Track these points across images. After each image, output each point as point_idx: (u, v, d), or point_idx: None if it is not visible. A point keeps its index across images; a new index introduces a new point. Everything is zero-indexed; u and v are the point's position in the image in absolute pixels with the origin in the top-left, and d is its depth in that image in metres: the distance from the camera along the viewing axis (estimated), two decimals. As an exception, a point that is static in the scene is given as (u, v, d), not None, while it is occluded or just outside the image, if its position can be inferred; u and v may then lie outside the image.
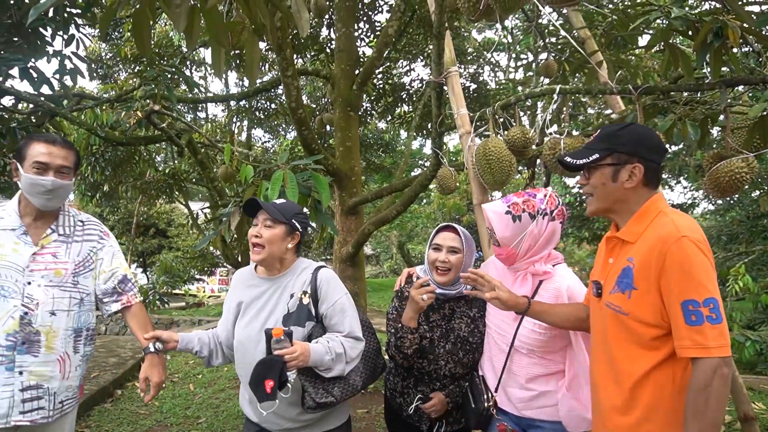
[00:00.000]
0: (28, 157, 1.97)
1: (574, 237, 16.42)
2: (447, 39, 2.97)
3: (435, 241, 2.21)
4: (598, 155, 1.60)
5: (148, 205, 14.46)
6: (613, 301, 1.57)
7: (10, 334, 1.90)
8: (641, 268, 1.48)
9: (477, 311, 2.22)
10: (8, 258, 1.94)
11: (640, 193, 1.59)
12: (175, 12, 1.41)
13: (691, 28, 2.04)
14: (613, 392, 1.57)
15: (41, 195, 1.98)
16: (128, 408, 4.95)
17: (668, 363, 1.46)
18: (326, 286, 2.06)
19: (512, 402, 2.06)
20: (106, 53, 10.74)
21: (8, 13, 3.57)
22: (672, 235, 1.43)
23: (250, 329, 2.03)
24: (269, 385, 1.78)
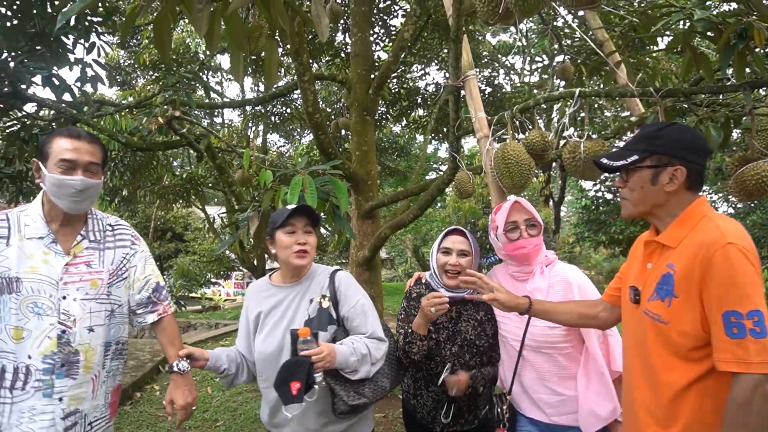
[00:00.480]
0: (52, 154, 1.75)
1: (590, 241, 16.25)
2: (464, 43, 2.97)
3: (444, 244, 2.22)
4: (637, 156, 1.51)
5: (166, 210, 14.60)
6: (652, 309, 1.49)
7: (47, 356, 1.70)
8: (683, 275, 1.40)
9: (484, 314, 2.21)
10: (40, 271, 1.73)
11: (682, 197, 1.50)
12: (197, 17, 1.42)
13: (713, 30, 2.01)
14: (650, 401, 1.50)
15: (69, 197, 1.76)
16: (147, 411, 5.00)
17: (711, 377, 1.38)
18: (345, 288, 2.06)
19: (541, 408, 2.03)
20: (124, 60, 10.92)
21: (31, 23, 3.64)
22: (717, 242, 1.34)
23: (271, 340, 1.97)
24: (295, 387, 1.75)
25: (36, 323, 1.71)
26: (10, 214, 1.78)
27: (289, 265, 2.02)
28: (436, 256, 2.23)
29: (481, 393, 2.20)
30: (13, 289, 1.70)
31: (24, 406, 1.69)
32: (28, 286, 1.72)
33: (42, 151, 1.78)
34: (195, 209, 14.61)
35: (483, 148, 2.96)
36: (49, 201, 1.81)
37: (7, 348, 1.69)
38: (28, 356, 1.70)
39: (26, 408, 1.69)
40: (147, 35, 7.77)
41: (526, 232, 2.09)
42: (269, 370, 1.94)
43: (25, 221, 1.78)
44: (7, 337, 1.69)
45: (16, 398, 1.69)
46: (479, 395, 2.20)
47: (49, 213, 1.82)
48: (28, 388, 1.69)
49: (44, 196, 1.82)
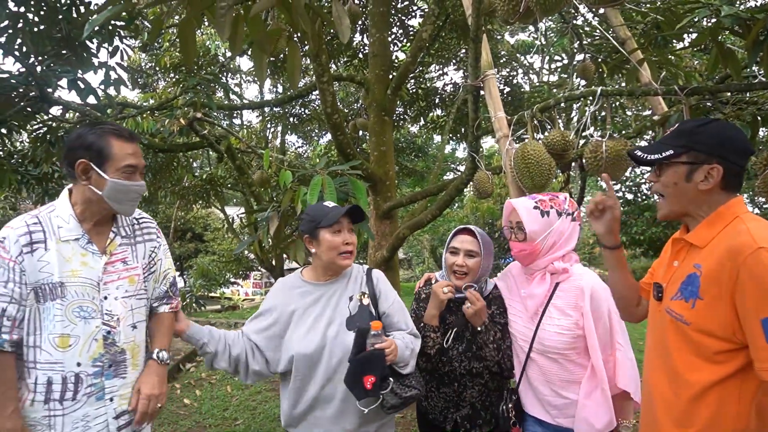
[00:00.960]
0: (114, 158, 1.70)
1: (610, 241, 16.04)
2: (484, 42, 2.95)
3: (452, 244, 2.20)
4: (673, 151, 1.45)
5: (186, 210, 14.77)
6: (674, 309, 1.46)
7: (96, 359, 1.69)
8: (710, 277, 1.36)
9: (496, 308, 2.20)
10: (81, 274, 1.69)
11: (717, 197, 1.44)
12: (220, 21, 1.43)
13: (741, 26, 1.96)
14: (671, 402, 1.47)
15: (132, 201, 1.77)
16: (168, 408, 5.07)
17: (734, 380, 1.34)
18: (383, 286, 2.10)
19: (546, 410, 2.03)
20: (145, 63, 11.08)
21: (58, 27, 3.71)
22: (747, 246, 1.29)
23: (312, 338, 1.94)
24: (370, 381, 1.75)
25: (83, 328, 1.68)
26: (40, 216, 1.70)
27: (333, 265, 2.01)
28: (445, 256, 2.22)
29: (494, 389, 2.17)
30: (57, 294, 1.65)
31: (77, 415, 1.67)
32: (72, 290, 1.67)
33: (98, 153, 1.69)
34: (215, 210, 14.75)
35: (503, 147, 2.94)
36: (85, 202, 1.74)
37: (52, 359, 1.64)
38: (77, 363, 1.66)
39: (80, 417, 1.67)
40: (168, 38, 7.88)
41: (514, 235, 2.08)
42: (307, 368, 1.93)
43: (57, 223, 1.71)
44: (51, 347, 1.64)
45: (68, 409, 1.66)
46: (492, 391, 2.17)
47: (83, 213, 1.75)
48: (79, 396, 1.67)
49: (80, 196, 1.75)
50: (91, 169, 1.70)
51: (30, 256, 1.63)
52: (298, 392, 1.97)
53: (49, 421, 1.64)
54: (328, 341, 1.92)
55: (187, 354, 7.08)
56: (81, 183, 1.72)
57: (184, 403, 5.28)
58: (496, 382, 2.18)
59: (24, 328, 1.63)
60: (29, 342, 1.64)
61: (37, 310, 1.64)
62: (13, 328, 1.60)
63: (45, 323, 1.64)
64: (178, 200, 9.29)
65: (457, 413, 2.15)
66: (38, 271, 1.64)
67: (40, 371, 1.64)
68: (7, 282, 1.59)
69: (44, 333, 1.64)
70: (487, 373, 2.14)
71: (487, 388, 2.16)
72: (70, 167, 1.72)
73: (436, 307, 2.08)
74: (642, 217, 13.66)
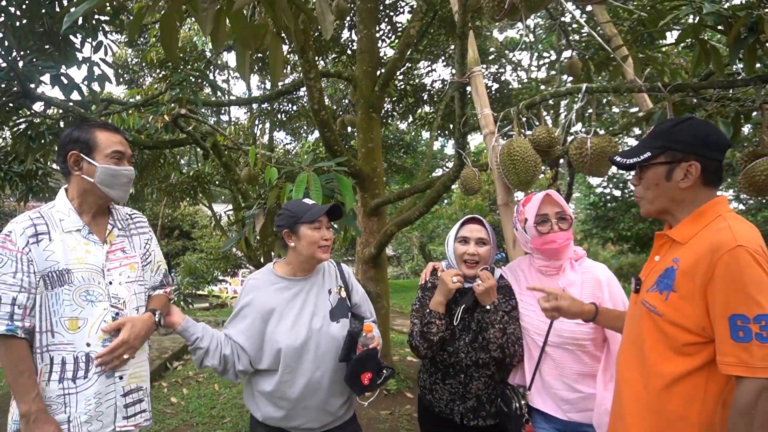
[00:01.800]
0: (101, 146, 1.85)
1: (598, 237, 16.19)
2: (470, 39, 2.95)
3: (461, 233, 2.21)
4: (650, 153, 1.50)
5: (173, 207, 14.66)
6: (648, 300, 1.49)
7: (105, 339, 1.81)
8: (686, 272, 1.39)
9: (501, 297, 2.19)
10: (86, 260, 1.82)
11: (698, 193, 1.48)
12: (202, 16, 1.41)
13: (723, 24, 1.98)
14: (639, 394, 1.50)
15: (122, 186, 1.89)
16: (155, 407, 5.03)
17: (701, 374, 1.38)
18: (352, 278, 2.29)
19: (558, 405, 2.02)
20: (131, 59, 10.96)
21: (40, 22, 3.65)
22: (726, 243, 1.32)
23: (298, 331, 2.04)
24: (367, 377, 1.96)
25: (90, 311, 1.80)
26: (42, 211, 1.84)
27: (313, 259, 2.11)
28: (454, 246, 2.22)
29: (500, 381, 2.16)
30: (65, 280, 1.77)
31: (89, 393, 1.77)
32: (78, 276, 1.79)
33: (86, 144, 1.84)
34: (202, 207, 14.65)
35: (489, 144, 2.95)
36: (82, 193, 1.87)
37: (65, 340, 1.75)
38: (86, 344, 1.78)
39: (92, 394, 1.78)
40: (154, 33, 7.80)
41: (557, 225, 2.06)
42: (295, 360, 2.03)
43: (58, 217, 1.84)
44: (63, 329, 1.76)
45: (80, 387, 1.77)
46: (498, 383, 2.16)
47: (81, 206, 1.89)
48: (90, 375, 1.78)
49: (75, 189, 1.88)
50: (81, 160, 1.84)
51: (36, 246, 1.75)
52: (286, 385, 2.03)
53: (63, 399, 1.75)
54: (313, 333, 2.04)
55: (175, 352, 7.04)
56: (74, 174, 1.86)
57: (171, 402, 5.25)
58: (502, 374, 2.18)
59: (36, 315, 1.75)
60: (42, 327, 1.76)
61: (47, 296, 1.76)
62: (25, 316, 1.72)
63: (55, 308, 1.76)
64: (165, 197, 9.21)
65: (462, 405, 2.14)
66: (45, 260, 1.76)
67: (55, 352, 1.75)
68: (15, 272, 1.71)
69: (55, 317, 1.76)
70: (493, 364, 2.13)
71: (493, 380, 2.15)
72: (64, 162, 1.86)
73: (443, 295, 2.10)
74: (629, 213, 13.80)
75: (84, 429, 1.76)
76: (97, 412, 1.79)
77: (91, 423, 1.78)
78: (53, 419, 1.72)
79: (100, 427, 1.80)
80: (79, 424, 1.75)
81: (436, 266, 2.38)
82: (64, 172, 1.90)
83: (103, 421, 1.81)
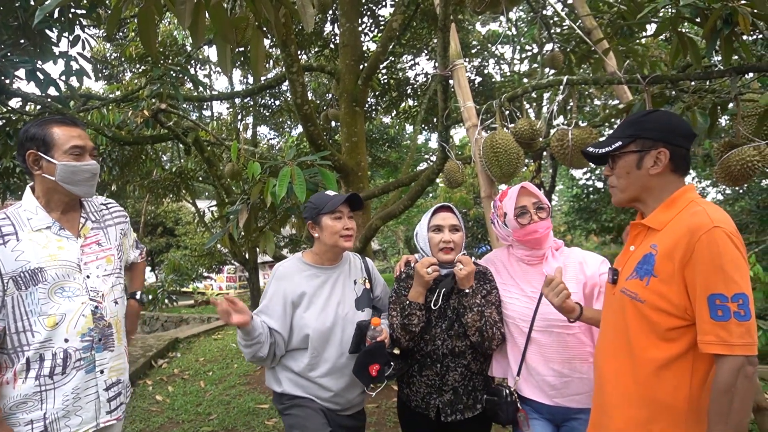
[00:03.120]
0: (58, 143, 1.78)
1: (581, 229, 16.37)
2: (452, 32, 2.96)
3: (434, 222, 2.22)
4: (621, 142, 1.55)
5: (156, 204, 14.53)
6: (629, 288, 1.51)
7: (85, 334, 1.79)
8: (665, 255, 1.42)
9: (477, 281, 2.19)
10: (59, 257, 1.78)
11: (668, 180, 1.52)
12: (180, 9, 1.40)
13: (700, 15, 2.01)
14: (627, 384, 1.50)
15: (85, 182, 1.83)
16: (140, 405, 4.99)
17: (686, 358, 1.40)
18: (375, 272, 2.41)
19: (544, 390, 2.02)
20: (110, 54, 10.78)
21: (14, 15, 3.58)
22: (704, 225, 1.35)
23: (326, 316, 2.15)
24: (375, 369, 2.03)
25: (68, 306, 1.77)
26: (8, 212, 1.79)
27: (336, 248, 2.20)
28: (428, 236, 2.23)
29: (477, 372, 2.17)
30: (38, 279, 1.73)
31: (67, 389, 1.75)
32: (52, 273, 1.75)
33: (43, 141, 1.78)
34: (185, 203, 14.51)
35: (472, 137, 2.96)
36: (47, 192, 1.82)
37: (42, 338, 1.72)
38: (64, 340, 1.75)
39: (69, 390, 1.76)
40: (133, 28, 7.68)
41: (536, 215, 2.10)
42: (322, 343, 2.14)
43: (26, 216, 1.79)
44: (41, 327, 1.72)
45: (58, 383, 1.74)
46: (475, 374, 2.17)
47: (48, 204, 1.84)
48: (68, 370, 1.76)
49: (40, 187, 1.83)
50: (40, 158, 1.79)
51: (3, 247, 1.70)
52: (310, 367, 2.15)
53: (39, 396, 1.72)
54: (339, 319, 2.16)
55: (159, 350, 6.98)
56: (35, 173, 1.81)
57: (156, 400, 5.21)
58: (479, 364, 2.18)
59: (8, 317, 1.71)
60: (18, 328, 1.71)
61: (20, 297, 1.71)
62: None
63: (31, 308, 1.72)
64: (147, 194, 9.13)
65: (439, 398, 2.14)
66: (14, 260, 1.71)
67: (31, 351, 1.71)
68: None
69: (33, 317, 1.72)
70: (469, 352, 2.14)
71: (470, 371, 2.15)
72: (23, 162, 1.82)
73: (422, 285, 2.12)
74: (611, 205, 13.97)
75: (62, 424, 1.74)
76: (75, 407, 1.77)
77: (69, 418, 1.76)
78: (9, 428, 1.68)
79: (79, 422, 1.78)
80: (55, 419, 1.73)
81: (409, 258, 2.42)
82: (26, 172, 1.85)
83: (83, 417, 1.79)
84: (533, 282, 2.11)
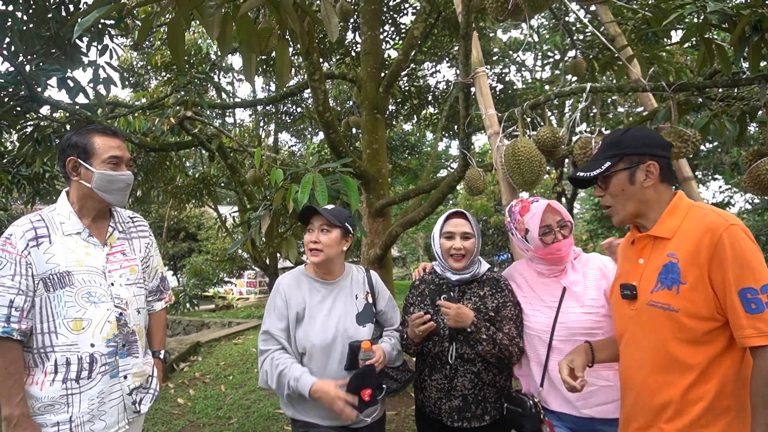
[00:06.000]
0: (98, 151, 1.85)
1: (603, 237, 16.15)
2: (474, 39, 2.96)
3: (446, 229, 2.21)
4: (610, 162, 1.58)
5: (179, 209, 14.73)
6: (658, 300, 1.50)
7: (110, 340, 1.83)
8: (688, 261, 1.44)
9: (489, 289, 2.19)
10: (86, 263, 1.84)
11: (661, 190, 1.57)
12: (209, 21, 1.43)
13: (728, 22, 1.98)
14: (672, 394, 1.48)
15: (120, 191, 1.90)
16: (162, 408, 5.06)
17: (723, 357, 1.42)
18: (380, 285, 2.33)
19: (570, 401, 1.99)
20: (137, 62, 11.03)
21: (46, 26, 3.69)
22: (721, 225, 1.39)
23: (327, 331, 2.10)
24: (367, 394, 1.97)
25: (94, 311, 1.81)
26: (43, 215, 1.84)
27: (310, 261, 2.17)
28: (440, 242, 2.22)
29: (488, 383, 2.14)
30: (66, 282, 1.78)
31: (93, 393, 1.79)
32: (79, 278, 1.80)
33: (83, 149, 1.84)
34: (208, 209, 14.72)
35: (493, 145, 2.95)
36: (81, 198, 1.88)
37: (68, 341, 1.76)
38: (90, 345, 1.79)
39: (95, 394, 1.80)
40: (159, 37, 7.84)
41: (560, 234, 2.07)
42: (323, 357, 2.09)
43: (59, 219, 1.85)
44: (66, 330, 1.76)
45: (84, 387, 1.78)
46: (487, 385, 2.14)
47: (81, 210, 1.90)
48: (94, 375, 1.80)
49: (75, 193, 1.89)
50: (79, 165, 1.85)
51: (36, 249, 1.76)
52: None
53: (66, 400, 1.75)
54: (340, 334, 2.10)
55: (181, 353, 7.07)
56: (73, 179, 1.87)
57: (177, 403, 5.27)
58: (491, 375, 2.14)
59: (35, 317, 1.75)
60: (43, 329, 1.76)
61: (48, 299, 1.76)
62: (22, 318, 1.71)
63: (57, 310, 1.76)
64: (170, 199, 9.27)
65: (448, 403, 2.13)
66: (45, 262, 1.76)
67: (58, 353, 1.76)
68: (14, 275, 1.72)
69: (58, 319, 1.76)
70: (479, 360, 2.12)
71: (480, 379, 2.12)
72: (63, 168, 1.88)
73: (418, 337, 2.13)
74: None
75: (86, 428, 1.78)
76: (99, 411, 1.81)
77: (93, 422, 1.79)
78: (35, 424, 1.71)
79: (103, 426, 1.82)
80: (81, 423, 1.77)
81: (426, 266, 2.42)
82: (65, 177, 1.91)
83: (107, 421, 1.83)
84: (553, 292, 2.09)
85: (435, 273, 2.31)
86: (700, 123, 2.30)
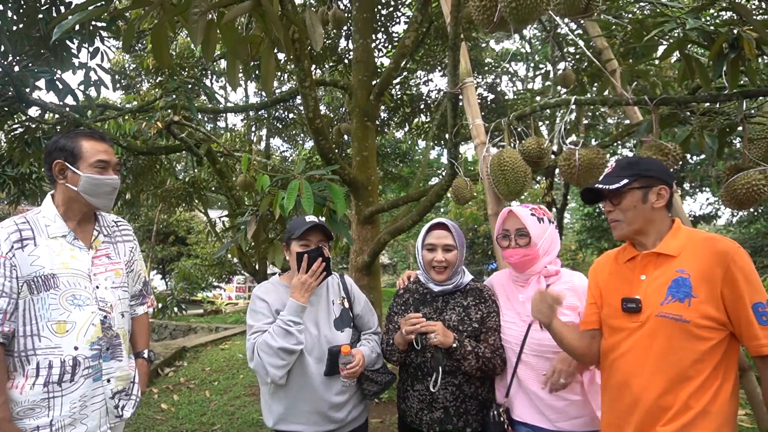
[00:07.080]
0: (85, 155, 1.86)
1: (593, 247, 16.24)
2: (463, 50, 2.99)
3: (428, 240, 2.22)
4: (628, 180, 1.70)
5: (168, 213, 14.64)
6: (670, 311, 1.61)
7: (94, 343, 1.83)
8: (700, 277, 1.58)
9: (472, 300, 2.19)
10: (71, 266, 1.84)
11: (664, 214, 1.73)
12: (193, 27, 1.44)
13: (707, 39, 2.02)
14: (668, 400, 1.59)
15: (106, 195, 1.91)
16: (145, 413, 5.02)
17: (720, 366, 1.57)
18: (355, 290, 2.38)
19: (544, 414, 2.00)
20: (129, 64, 10.99)
21: (36, 27, 3.68)
22: (730, 247, 1.57)
23: (306, 338, 2.11)
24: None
25: (78, 314, 1.81)
26: (28, 217, 1.85)
27: None
28: (422, 253, 2.23)
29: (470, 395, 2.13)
30: (50, 285, 1.77)
31: (75, 396, 1.79)
32: (64, 280, 1.81)
33: (71, 153, 1.85)
34: (197, 213, 14.64)
35: (480, 154, 2.98)
36: (67, 201, 1.89)
37: (51, 344, 1.76)
38: (74, 348, 1.79)
39: (77, 397, 1.79)
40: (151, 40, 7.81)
41: (515, 241, 2.10)
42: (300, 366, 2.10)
43: (44, 222, 1.85)
44: (50, 333, 1.76)
45: (66, 390, 1.77)
46: (468, 397, 2.13)
47: (66, 213, 1.90)
48: (77, 378, 1.79)
49: (61, 196, 1.90)
50: (66, 168, 1.86)
51: (21, 251, 1.76)
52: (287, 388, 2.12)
53: (47, 403, 1.74)
54: (319, 339, 2.13)
55: (167, 358, 7.01)
56: (59, 182, 1.88)
57: (161, 408, 5.23)
58: (473, 388, 2.13)
59: (18, 320, 1.75)
60: (26, 332, 1.75)
61: (31, 301, 1.76)
62: (5, 321, 1.70)
63: (41, 312, 1.76)
64: (160, 203, 9.22)
65: (430, 414, 2.12)
66: (30, 264, 1.76)
67: (41, 356, 1.75)
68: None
69: (41, 321, 1.76)
70: (460, 373, 2.11)
71: (462, 392, 2.11)
72: (49, 170, 1.89)
73: (402, 339, 2.13)
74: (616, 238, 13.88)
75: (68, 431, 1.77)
76: (81, 414, 1.80)
77: (74, 426, 1.78)
78: (17, 428, 1.70)
79: (84, 430, 1.81)
80: (62, 426, 1.75)
81: (410, 274, 2.43)
82: (50, 180, 1.91)
83: (88, 425, 1.82)
84: (526, 304, 2.09)
85: (419, 282, 2.32)
86: (681, 137, 2.34)
